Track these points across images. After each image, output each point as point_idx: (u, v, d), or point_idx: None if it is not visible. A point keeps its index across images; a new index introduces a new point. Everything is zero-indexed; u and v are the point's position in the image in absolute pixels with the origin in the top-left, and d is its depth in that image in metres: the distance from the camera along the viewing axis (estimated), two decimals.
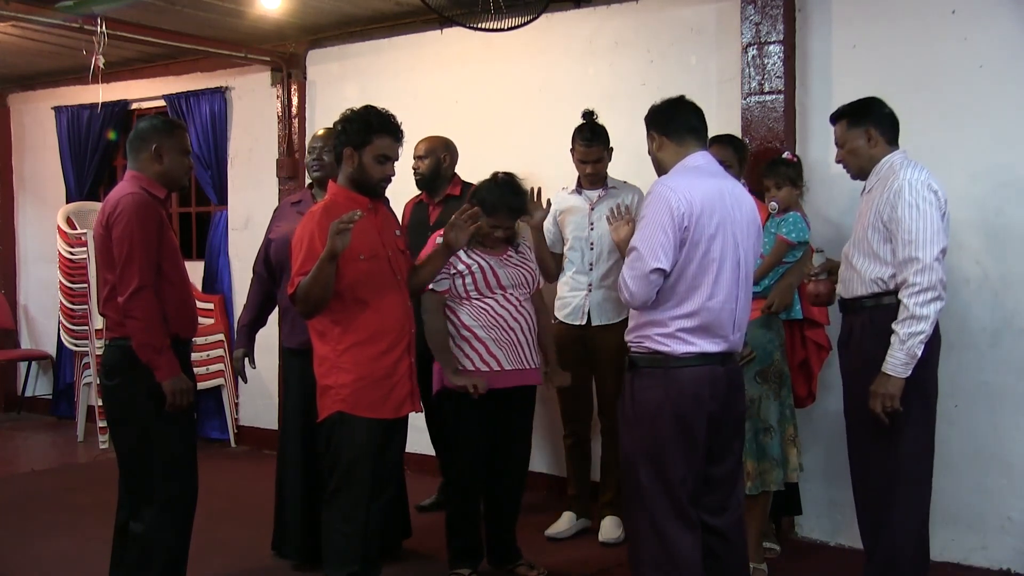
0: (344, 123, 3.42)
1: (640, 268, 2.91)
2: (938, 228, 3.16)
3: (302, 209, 4.20)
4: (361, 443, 3.34)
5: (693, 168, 3.04)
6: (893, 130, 3.39)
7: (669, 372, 2.94)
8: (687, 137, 3.09)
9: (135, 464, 3.40)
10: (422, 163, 4.82)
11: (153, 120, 3.49)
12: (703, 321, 2.93)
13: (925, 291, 3.11)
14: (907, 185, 3.19)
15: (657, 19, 4.91)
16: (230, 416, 6.59)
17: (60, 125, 7.48)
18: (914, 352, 3.13)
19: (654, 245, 2.89)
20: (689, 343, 2.93)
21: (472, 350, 3.85)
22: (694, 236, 2.90)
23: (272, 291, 4.28)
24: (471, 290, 3.86)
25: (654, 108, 3.19)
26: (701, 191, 2.93)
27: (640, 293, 2.92)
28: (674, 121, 3.11)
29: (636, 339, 3.03)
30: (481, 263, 3.87)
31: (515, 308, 3.91)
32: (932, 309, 3.13)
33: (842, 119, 3.44)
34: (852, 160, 3.43)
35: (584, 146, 4.42)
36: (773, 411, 3.91)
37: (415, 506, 4.96)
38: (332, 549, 3.41)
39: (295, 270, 3.30)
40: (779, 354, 3.94)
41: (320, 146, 4.21)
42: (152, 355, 3.26)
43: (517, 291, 3.93)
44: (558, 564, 4.18)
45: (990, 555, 4.10)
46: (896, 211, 3.18)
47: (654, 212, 2.92)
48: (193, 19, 5.54)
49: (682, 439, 2.95)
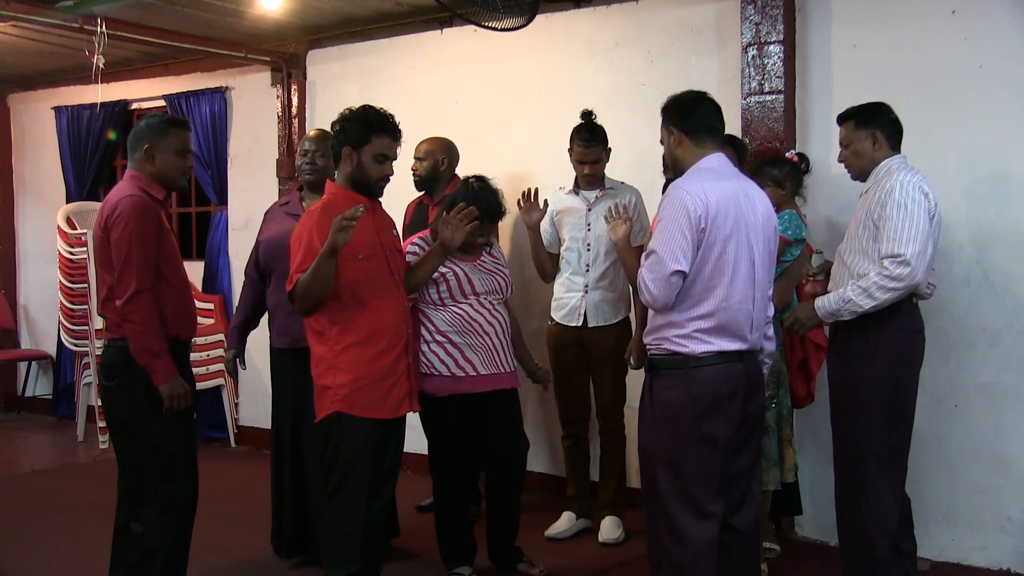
0: (343, 123, 3.41)
1: (660, 271, 2.92)
2: (923, 229, 3.23)
3: (290, 211, 4.23)
4: (359, 443, 3.34)
5: (708, 170, 3.04)
6: (897, 135, 3.47)
7: (689, 372, 2.95)
8: (706, 137, 3.08)
9: (135, 464, 3.39)
10: (420, 164, 4.83)
11: (150, 119, 3.44)
12: (720, 321, 2.94)
13: (891, 279, 3.21)
14: (899, 186, 3.29)
15: (657, 19, 4.91)
16: (230, 416, 6.59)
17: (60, 125, 7.48)
18: (841, 315, 3.32)
19: (673, 248, 2.90)
20: (707, 343, 2.94)
21: (447, 355, 3.85)
22: (710, 238, 2.91)
23: (264, 292, 4.29)
24: (445, 296, 3.85)
25: (675, 102, 3.14)
26: (716, 193, 2.94)
27: (661, 296, 2.93)
28: (695, 119, 3.09)
29: (655, 341, 3.04)
30: (456, 270, 3.87)
31: (488, 313, 3.91)
32: (885, 297, 3.23)
33: (849, 120, 3.51)
34: (855, 161, 3.50)
35: (582, 146, 4.42)
36: (771, 411, 3.90)
37: (415, 506, 4.97)
38: (331, 549, 3.41)
39: (294, 267, 3.29)
40: (777, 354, 3.94)
41: (313, 149, 4.18)
42: (149, 359, 3.25)
43: (490, 296, 3.94)
44: (558, 564, 4.17)
45: (990, 555, 4.10)
46: (885, 209, 3.27)
47: (672, 215, 2.94)
48: (193, 19, 5.54)
49: (702, 440, 2.95)
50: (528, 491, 4.34)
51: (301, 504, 4.15)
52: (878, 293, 3.24)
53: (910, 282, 3.21)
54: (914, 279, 3.20)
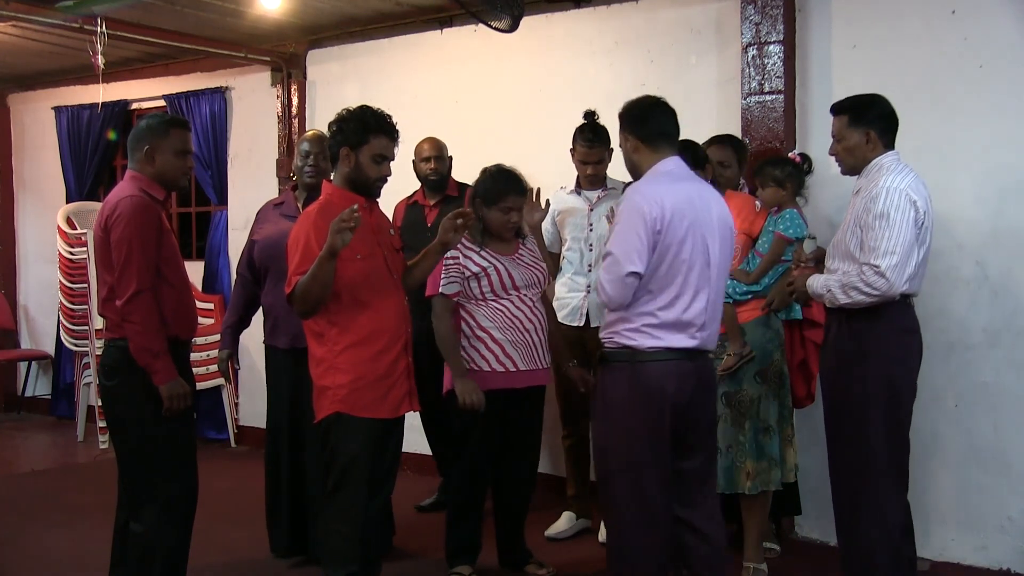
0: (340, 123, 3.41)
1: (616, 272, 3.02)
2: (904, 240, 3.21)
3: (285, 211, 4.25)
4: (359, 443, 3.33)
5: (664, 174, 3.14)
6: (891, 131, 3.41)
7: (635, 366, 3.06)
8: (661, 142, 3.18)
9: (135, 464, 3.39)
10: (438, 163, 4.81)
11: (151, 119, 3.43)
12: (670, 318, 3.04)
13: (866, 285, 3.22)
14: (884, 192, 3.25)
15: (657, 19, 4.91)
16: (230, 416, 6.59)
17: (60, 125, 7.48)
18: (823, 299, 3.39)
19: (629, 249, 3.01)
20: (656, 338, 3.04)
21: (488, 351, 3.85)
22: (666, 240, 3.02)
23: (256, 293, 4.31)
24: (487, 292, 3.85)
25: (630, 109, 3.26)
26: (673, 196, 3.05)
27: (617, 296, 3.04)
28: (649, 125, 3.20)
29: (607, 335, 3.15)
30: (496, 264, 3.86)
31: (529, 309, 3.90)
32: (859, 299, 3.26)
33: (843, 114, 3.44)
34: (847, 157, 3.46)
35: (586, 147, 4.41)
36: (772, 411, 3.91)
37: (415, 506, 4.97)
38: (331, 549, 3.41)
39: (292, 270, 3.29)
40: (779, 354, 3.94)
41: (314, 151, 4.20)
42: (149, 359, 3.25)
43: (530, 291, 3.93)
44: (558, 564, 4.17)
45: (990, 555, 4.10)
46: (868, 216, 3.26)
47: (628, 218, 3.05)
48: (193, 19, 5.54)
49: (648, 430, 3.07)
50: None
51: (300, 504, 4.16)
52: (853, 293, 3.26)
53: (885, 292, 3.22)
54: (889, 290, 3.21)
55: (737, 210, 3.95)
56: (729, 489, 3.87)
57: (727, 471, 3.86)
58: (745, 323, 3.89)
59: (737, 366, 3.84)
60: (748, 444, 3.86)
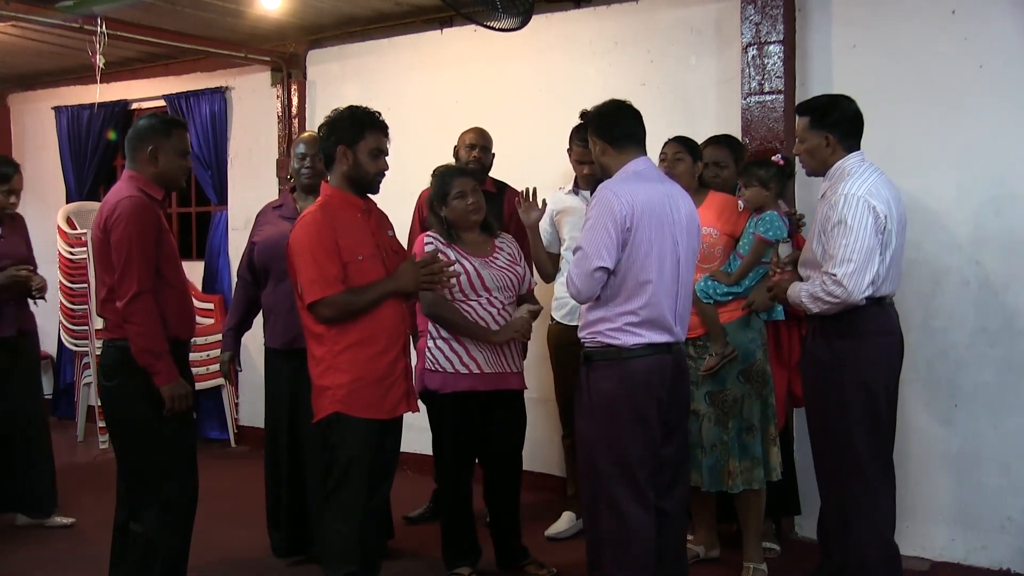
0: (332, 123, 3.41)
1: (585, 266, 3.12)
2: (863, 247, 3.21)
3: (283, 213, 4.26)
4: (358, 443, 3.33)
5: (635, 173, 3.24)
6: (854, 133, 3.40)
7: (622, 363, 3.17)
8: (628, 144, 3.29)
9: (135, 464, 3.40)
10: (483, 153, 4.65)
11: (151, 119, 3.44)
12: (648, 316, 3.15)
13: (827, 294, 3.26)
14: (842, 200, 3.26)
15: (657, 19, 4.91)
16: (230, 416, 6.59)
17: (60, 125, 7.48)
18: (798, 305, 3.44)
19: (598, 245, 3.11)
20: (638, 335, 3.15)
21: (452, 352, 3.85)
22: (636, 237, 3.11)
23: (257, 295, 4.31)
24: (455, 291, 3.85)
25: (597, 113, 3.36)
26: (643, 195, 3.15)
27: (585, 290, 3.16)
28: (616, 129, 3.29)
29: (589, 335, 3.24)
30: (466, 265, 3.86)
31: (498, 312, 3.90)
32: (823, 307, 3.31)
33: (805, 116, 3.46)
34: (807, 160, 3.48)
35: (582, 146, 4.40)
36: (756, 410, 3.90)
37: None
38: (330, 549, 3.40)
39: (310, 276, 3.26)
40: (761, 353, 3.94)
41: (310, 152, 4.21)
42: (151, 360, 3.26)
43: (501, 294, 3.93)
44: (558, 564, 4.17)
45: (990, 555, 4.10)
46: (828, 224, 3.28)
47: (598, 215, 3.14)
48: (193, 19, 5.55)
49: (638, 424, 3.17)
50: (528, 491, 4.34)
51: (300, 504, 4.16)
52: (818, 302, 3.31)
53: (845, 300, 3.24)
54: (849, 298, 3.23)
55: (719, 211, 3.97)
56: (715, 488, 3.90)
57: (713, 470, 3.89)
58: (727, 323, 3.90)
59: (719, 366, 3.85)
60: (732, 443, 3.87)
